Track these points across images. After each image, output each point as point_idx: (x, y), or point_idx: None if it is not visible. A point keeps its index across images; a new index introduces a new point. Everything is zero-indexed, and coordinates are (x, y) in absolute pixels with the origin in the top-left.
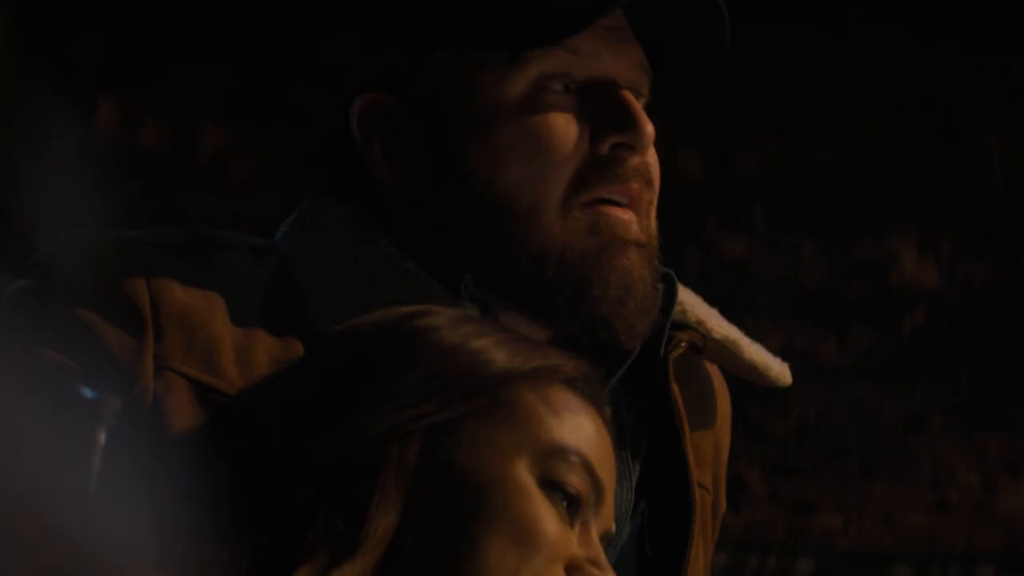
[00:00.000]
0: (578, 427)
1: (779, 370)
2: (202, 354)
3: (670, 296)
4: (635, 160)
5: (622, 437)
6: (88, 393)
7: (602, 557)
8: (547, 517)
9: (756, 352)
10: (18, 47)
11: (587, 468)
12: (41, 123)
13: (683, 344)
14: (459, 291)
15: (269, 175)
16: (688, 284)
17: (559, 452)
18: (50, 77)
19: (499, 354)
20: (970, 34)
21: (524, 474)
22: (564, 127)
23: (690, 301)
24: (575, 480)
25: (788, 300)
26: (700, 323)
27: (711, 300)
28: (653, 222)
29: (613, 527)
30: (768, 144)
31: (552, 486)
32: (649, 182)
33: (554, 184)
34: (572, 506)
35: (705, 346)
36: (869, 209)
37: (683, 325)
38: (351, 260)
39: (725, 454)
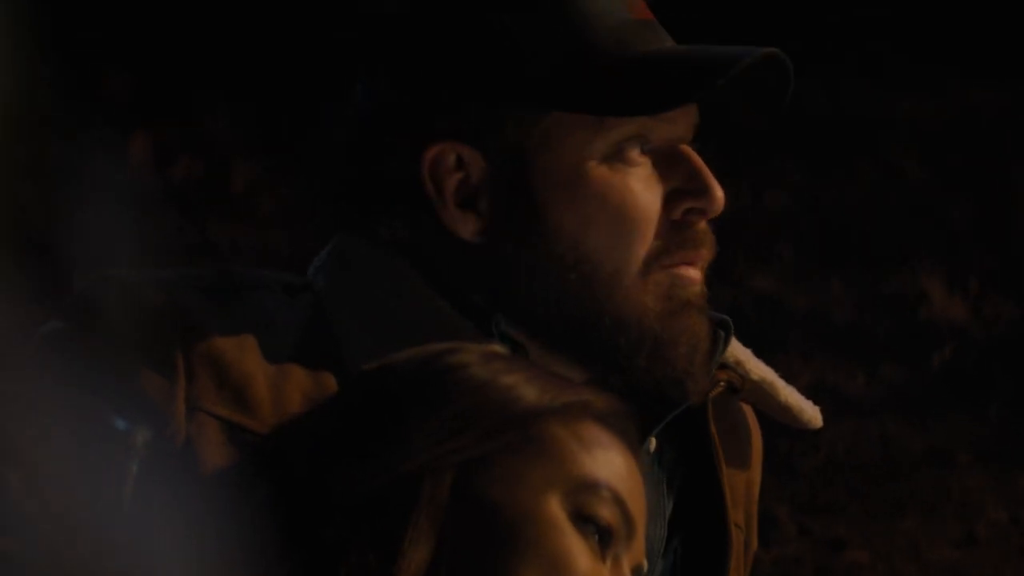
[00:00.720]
0: (609, 462)
1: (811, 413)
2: (234, 393)
3: (723, 342)
4: (704, 224)
5: (658, 473)
6: (121, 425)
7: None
8: (579, 552)
9: (791, 394)
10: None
11: (618, 502)
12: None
13: (722, 384)
14: (490, 329)
15: (300, 209)
16: None
17: (591, 487)
18: (83, 112)
19: (529, 390)
20: (999, 69)
21: (556, 509)
22: (644, 191)
23: (732, 344)
24: (607, 514)
25: (817, 336)
26: (739, 363)
27: (740, 335)
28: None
29: (644, 562)
30: (796, 179)
31: (584, 520)
32: (712, 245)
33: (637, 249)
34: (604, 540)
35: (743, 387)
36: (898, 245)
37: (722, 364)
38: (383, 298)
39: (756, 492)
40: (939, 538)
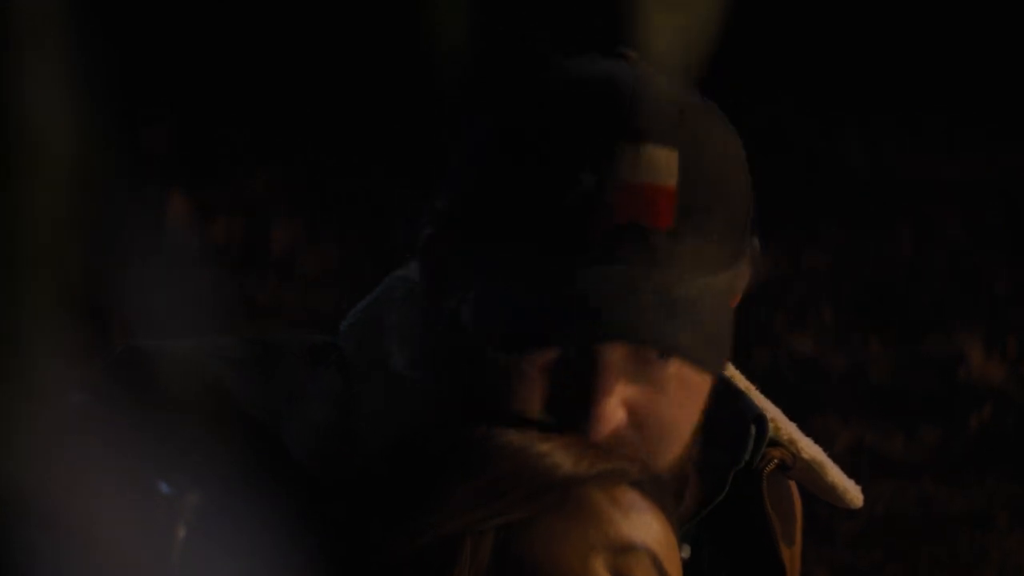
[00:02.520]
0: (647, 525)
1: (854, 493)
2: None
3: (760, 437)
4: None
5: (701, 569)
6: (165, 489)
7: None
8: None
9: (837, 474)
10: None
11: (657, 565)
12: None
13: (775, 462)
14: None
15: (340, 268)
16: (756, 381)
17: (630, 549)
18: (123, 170)
19: (566, 457)
20: None
21: (597, 570)
22: None
23: (781, 419)
24: None
25: (856, 397)
26: (792, 442)
27: (779, 397)
28: None
29: None
30: (836, 241)
31: None
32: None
33: None
34: None
35: (794, 465)
36: (936, 306)
37: (774, 442)
38: (403, 382)
39: (799, 564)
40: None
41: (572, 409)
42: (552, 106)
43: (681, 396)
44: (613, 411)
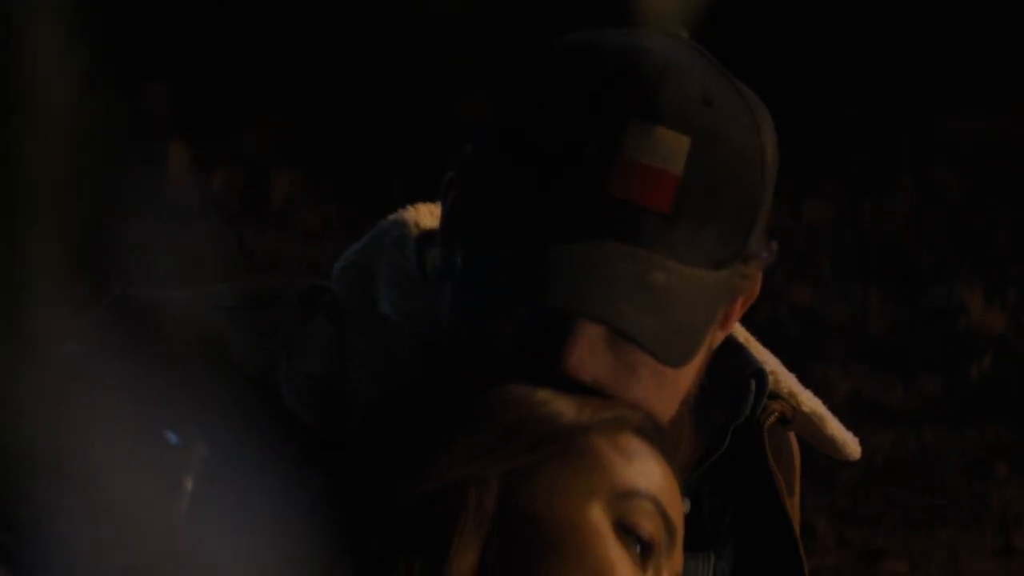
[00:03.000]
0: (649, 472)
1: (853, 446)
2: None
3: (760, 391)
4: None
5: (701, 521)
6: (173, 439)
7: None
8: (621, 562)
9: (836, 427)
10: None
11: (660, 512)
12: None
13: (775, 415)
14: None
15: (339, 221)
16: (756, 333)
17: (632, 496)
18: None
19: (568, 405)
20: None
21: (599, 517)
22: None
23: (781, 371)
24: (648, 524)
25: (856, 347)
26: (791, 395)
27: (780, 348)
28: None
29: (683, 570)
30: (836, 193)
31: (626, 530)
32: None
33: None
34: (645, 551)
35: (794, 418)
36: (936, 257)
37: (774, 395)
38: (394, 330)
39: (798, 512)
40: (977, 548)
41: (539, 367)
42: (574, 74)
43: (654, 381)
44: (578, 373)
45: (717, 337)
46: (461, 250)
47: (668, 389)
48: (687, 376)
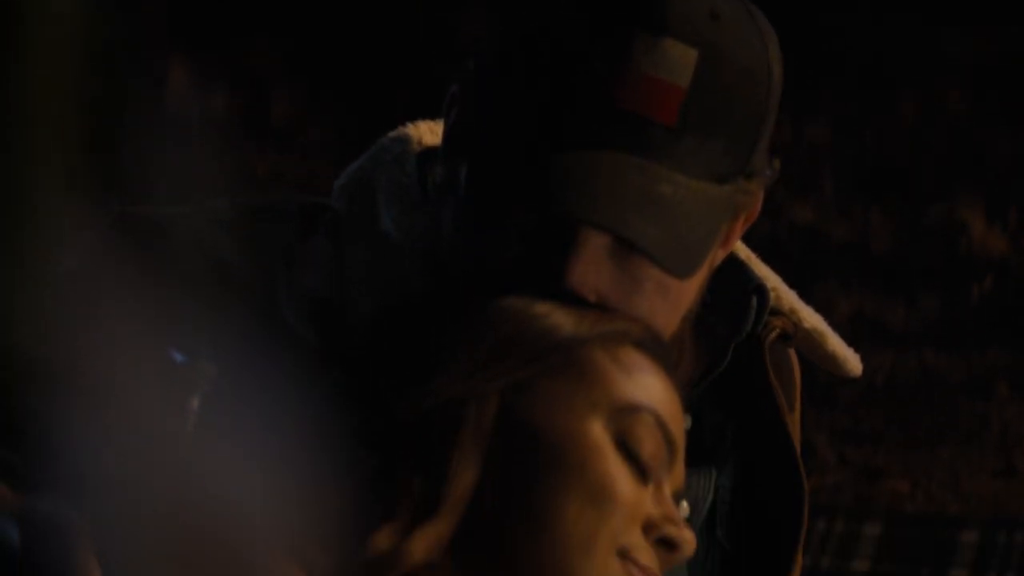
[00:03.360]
0: (650, 386)
1: (854, 362)
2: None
3: (761, 308)
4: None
5: (702, 437)
6: (179, 358)
7: (677, 514)
8: (622, 476)
9: (837, 343)
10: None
11: (660, 426)
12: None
13: (776, 331)
14: None
15: (340, 139)
16: (757, 251)
17: (633, 410)
18: (123, 40)
19: (567, 318)
20: None
21: (599, 431)
22: None
23: (782, 288)
24: (649, 439)
25: (856, 267)
26: (792, 311)
27: (780, 266)
28: None
29: (684, 486)
30: (838, 111)
31: (627, 445)
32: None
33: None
34: (646, 465)
35: (795, 334)
36: (938, 177)
37: (775, 311)
38: (394, 247)
39: (799, 430)
40: (978, 468)
41: (541, 277)
42: None
43: (658, 296)
44: (580, 287)
45: (719, 255)
46: (465, 163)
47: (671, 304)
48: (689, 291)
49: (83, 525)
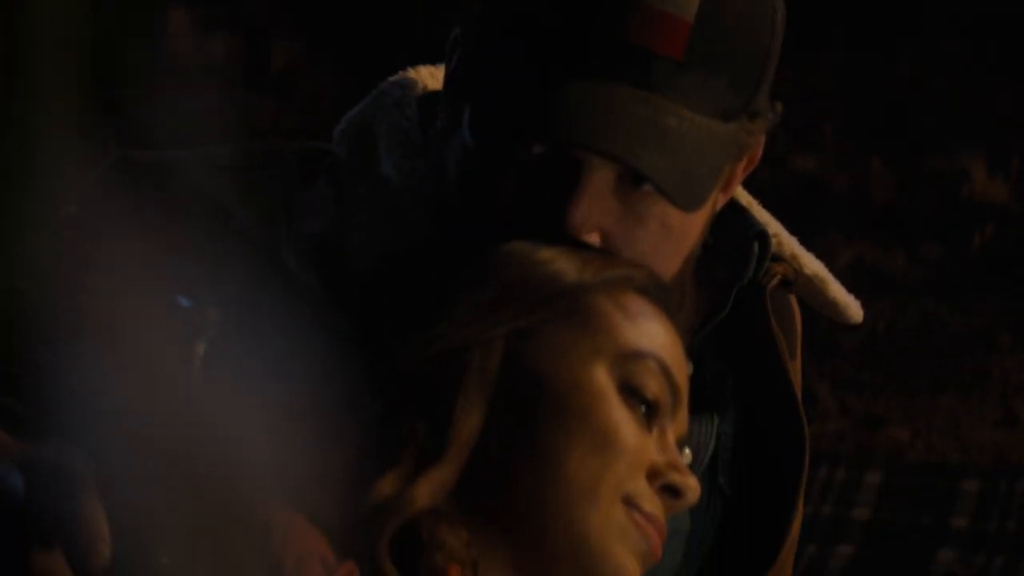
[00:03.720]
0: (654, 333)
1: (855, 308)
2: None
3: (762, 254)
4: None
5: (705, 384)
6: (184, 302)
7: (680, 461)
8: (626, 423)
9: (838, 290)
10: None
11: (664, 373)
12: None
13: (777, 277)
14: None
15: (339, 88)
16: (758, 199)
17: (637, 356)
18: None
19: (571, 264)
20: None
21: (603, 378)
22: None
23: (783, 234)
24: (653, 384)
25: (858, 215)
26: (794, 257)
27: (781, 215)
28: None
29: (687, 433)
30: (839, 59)
31: (631, 391)
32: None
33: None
34: (650, 411)
35: (796, 280)
36: (940, 125)
37: (776, 257)
38: (396, 191)
39: (800, 376)
40: (979, 417)
41: (546, 218)
42: None
43: (662, 234)
44: (584, 229)
45: (721, 198)
46: (469, 103)
47: (674, 242)
48: (692, 232)
49: (87, 471)
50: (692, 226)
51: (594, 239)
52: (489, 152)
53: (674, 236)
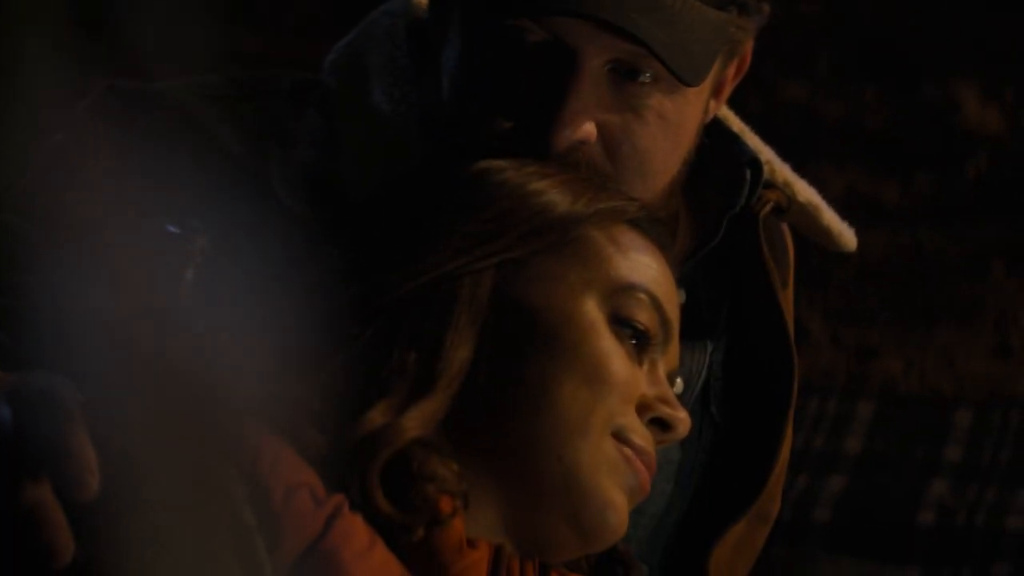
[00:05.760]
0: (645, 265)
1: (849, 236)
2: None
3: (755, 181)
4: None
5: (697, 312)
6: (173, 229)
7: (671, 394)
8: (616, 354)
9: (832, 217)
10: None
11: (655, 306)
12: None
13: (770, 204)
14: None
15: (330, 17)
16: (750, 126)
17: (628, 289)
18: None
19: (563, 195)
20: None
21: (594, 310)
22: None
23: (776, 162)
24: (644, 317)
25: (850, 144)
26: (787, 184)
27: (773, 144)
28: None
29: (678, 365)
30: None
31: (621, 323)
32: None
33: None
34: (640, 344)
35: (789, 208)
36: (933, 54)
37: (770, 184)
38: (388, 118)
39: (792, 306)
40: (973, 348)
41: (541, 110)
42: None
43: (659, 127)
44: (580, 118)
45: (713, 105)
46: (458, 8)
47: (672, 138)
48: (688, 125)
49: (75, 402)
50: (688, 118)
51: (590, 130)
52: (483, 46)
53: (671, 129)
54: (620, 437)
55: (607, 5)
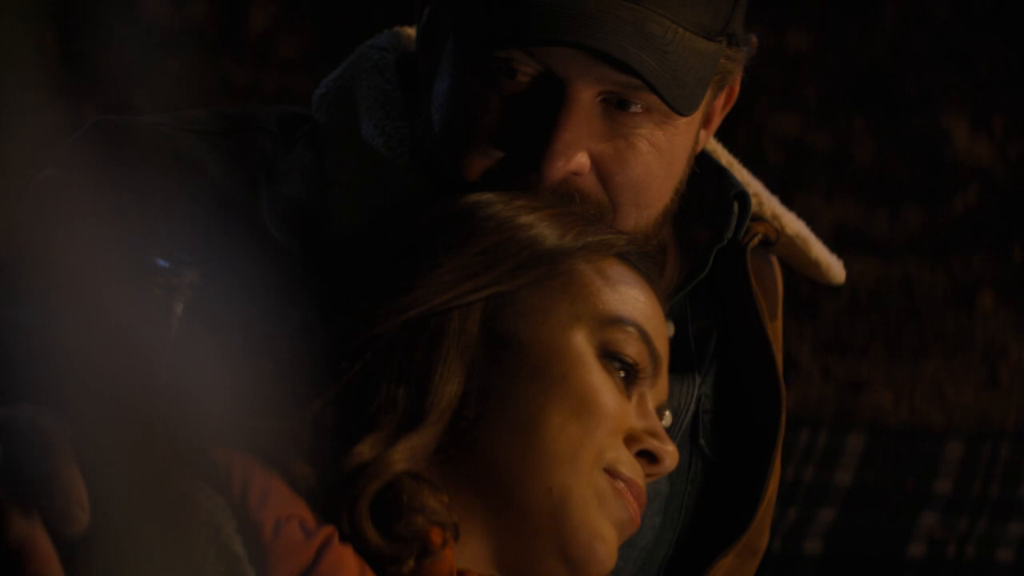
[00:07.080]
0: (633, 299)
1: (837, 269)
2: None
3: (743, 213)
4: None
5: (686, 344)
6: (162, 263)
7: (660, 427)
8: (605, 388)
9: (820, 250)
10: None
11: (644, 338)
12: None
13: (758, 236)
14: None
15: (318, 51)
16: (738, 159)
17: (616, 322)
18: None
19: (552, 229)
20: None
21: (583, 344)
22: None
23: (764, 194)
24: (632, 350)
25: (839, 176)
26: (775, 217)
27: (762, 176)
28: None
29: (667, 398)
30: (820, 18)
31: (610, 356)
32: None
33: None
34: (629, 377)
35: (777, 240)
36: (922, 85)
37: (758, 217)
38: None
39: (781, 338)
40: (962, 380)
41: (534, 142)
42: None
43: (652, 156)
44: (573, 149)
45: (703, 136)
46: (450, 17)
47: (664, 167)
48: (680, 155)
49: (63, 434)
50: (679, 148)
51: (584, 160)
52: (474, 79)
53: (664, 158)
54: (610, 470)
55: (599, 35)
